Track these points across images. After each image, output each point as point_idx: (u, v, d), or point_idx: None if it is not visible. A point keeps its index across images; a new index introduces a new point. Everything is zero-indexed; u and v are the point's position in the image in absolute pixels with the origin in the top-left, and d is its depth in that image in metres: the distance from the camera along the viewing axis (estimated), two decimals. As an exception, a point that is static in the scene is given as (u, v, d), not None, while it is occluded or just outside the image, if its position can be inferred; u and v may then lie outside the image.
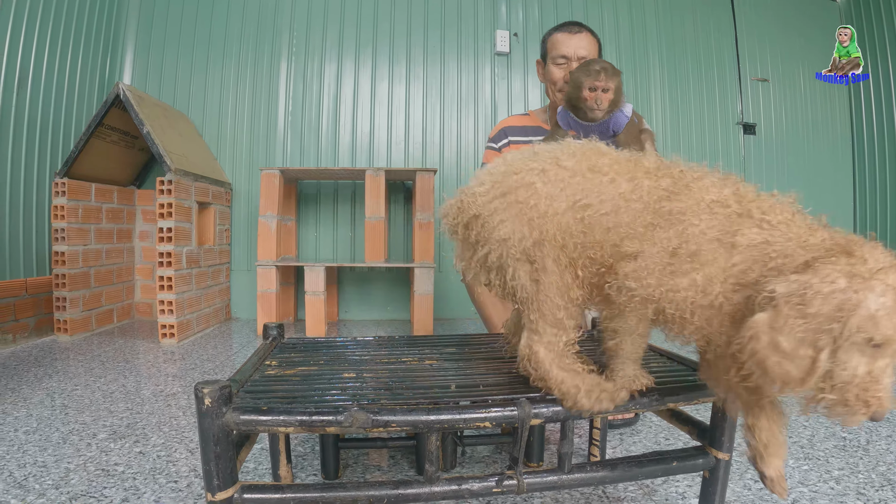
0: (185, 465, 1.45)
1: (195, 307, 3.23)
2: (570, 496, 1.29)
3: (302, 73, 3.99)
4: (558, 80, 2.04)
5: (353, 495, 0.85)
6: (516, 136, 2.16)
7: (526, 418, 0.87)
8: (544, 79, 2.13)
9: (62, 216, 2.98)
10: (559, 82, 2.04)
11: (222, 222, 3.70)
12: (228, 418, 0.81)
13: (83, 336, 3.09)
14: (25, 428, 1.69)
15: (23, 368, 2.38)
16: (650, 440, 1.68)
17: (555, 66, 2.05)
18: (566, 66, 2.01)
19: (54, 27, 3.10)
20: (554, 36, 2.06)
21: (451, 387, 1.02)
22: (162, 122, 3.19)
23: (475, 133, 4.10)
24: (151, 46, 3.86)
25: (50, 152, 3.11)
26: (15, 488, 1.29)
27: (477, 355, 1.29)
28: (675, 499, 1.27)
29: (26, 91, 2.92)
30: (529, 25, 4.19)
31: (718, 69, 4.50)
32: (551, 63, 2.05)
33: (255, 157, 3.94)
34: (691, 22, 4.45)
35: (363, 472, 1.43)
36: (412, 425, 0.85)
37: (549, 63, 2.07)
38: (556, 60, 2.03)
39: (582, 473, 0.95)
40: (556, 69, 2.04)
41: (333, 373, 1.12)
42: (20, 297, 2.85)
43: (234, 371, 1.12)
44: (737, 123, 4.52)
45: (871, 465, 1.47)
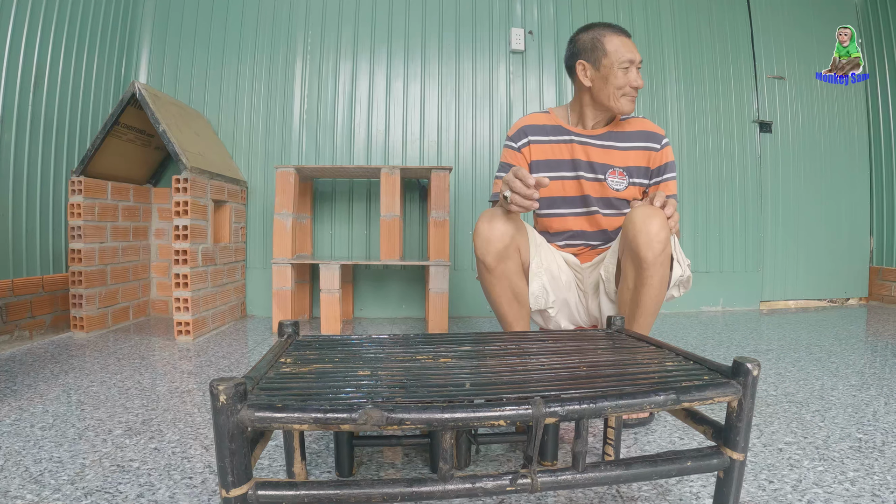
0: (200, 461, 1.46)
1: (211, 304, 3.26)
2: (584, 495, 1.29)
3: (317, 71, 4.00)
4: (623, 85, 1.99)
5: (368, 493, 0.86)
6: (536, 136, 2.14)
7: (540, 417, 0.87)
8: (592, 80, 2.05)
9: (79, 214, 3.01)
10: (625, 86, 1.99)
11: (238, 220, 3.72)
12: (243, 415, 0.81)
13: (99, 333, 3.11)
14: (41, 424, 1.71)
15: (39, 365, 2.40)
16: (664, 440, 1.67)
17: (621, 69, 2.00)
18: (629, 70, 1.99)
19: (70, 26, 3.13)
20: (612, 37, 2.01)
21: (465, 385, 1.02)
22: (178, 121, 3.21)
23: (490, 131, 4.09)
24: (167, 45, 3.89)
25: (66, 151, 3.14)
26: (31, 483, 1.31)
27: (492, 353, 1.29)
28: (689, 499, 1.27)
29: (43, 90, 2.94)
30: (544, 23, 4.17)
31: (734, 66, 4.47)
32: (617, 67, 1.98)
33: (270, 155, 3.96)
34: (706, 19, 4.43)
35: (377, 469, 1.43)
36: (427, 423, 0.85)
37: (608, 65, 2.00)
38: (623, 64, 1.99)
39: (596, 472, 0.95)
40: (623, 73, 1.99)
41: (348, 370, 1.12)
42: (37, 294, 2.88)
43: (249, 368, 1.13)
44: (753, 121, 4.49)
45: (886, 466, 1.46)
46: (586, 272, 2.11)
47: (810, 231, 4.60)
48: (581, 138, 2.11)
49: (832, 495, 1.29)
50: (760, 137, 4.49)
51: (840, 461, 1.50)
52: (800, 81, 4.61)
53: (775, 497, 1.28)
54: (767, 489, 1.32)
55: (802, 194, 4.56)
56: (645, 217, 1.70)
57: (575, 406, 0.89)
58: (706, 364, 1.13)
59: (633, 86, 1.99)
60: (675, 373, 1.09)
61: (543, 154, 2.13)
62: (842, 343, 3.07)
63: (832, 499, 1.27)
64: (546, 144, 2.14)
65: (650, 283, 1.74)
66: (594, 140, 2.10)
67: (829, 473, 1.42)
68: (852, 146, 4.72)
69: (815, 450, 1.58)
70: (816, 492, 1.31)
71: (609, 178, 2.07)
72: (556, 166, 2.11)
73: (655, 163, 2.09)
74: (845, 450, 1.58)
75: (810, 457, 1.53)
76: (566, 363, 1.19)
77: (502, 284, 1.85)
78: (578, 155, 2.10)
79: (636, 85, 2.00)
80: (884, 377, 2.36)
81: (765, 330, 3.55)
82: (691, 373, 1.09)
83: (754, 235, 4.48)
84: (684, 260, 1.86)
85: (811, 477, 1.39)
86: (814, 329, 3.53)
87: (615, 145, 2.09)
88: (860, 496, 1.28)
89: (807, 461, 1.50)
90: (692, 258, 4.29)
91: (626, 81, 1.99)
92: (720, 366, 1.08)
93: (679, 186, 4.20)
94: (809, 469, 1.44)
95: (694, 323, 3.82)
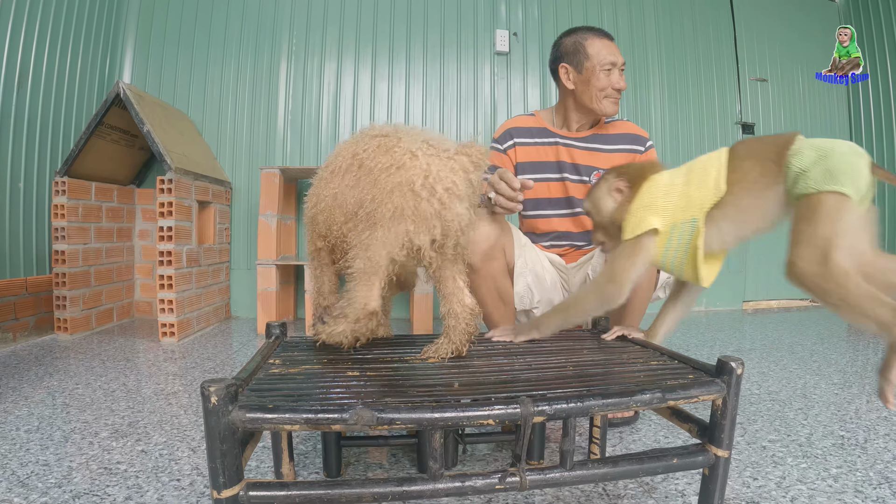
0: (188, 463, 1.46)
1: (195, 306, 3.24)
2: (571, 493, 1.30)
3: (302, 72, 4.00)
4: (605, 87, 2.01)
5: (358, 492, 0.86)
6: (522, 138, 2.16)
7: (529, 416, 0.88)
8: (575, 83, 2.08)
9: (62, 215, 2.98)
10: (606, 88, 2.02)
11: (222, 221, 3.71)
12: (235, 416, 0.82)
13: (83, 335, 3.09)
14: (27, 427, 1.69)
15: (23, 367, 2.38)
16: (650, 438, 1.69)
17: (604, 72, 2.02)
18: (611, 73, 2.00)
19: (54, 26, 3.10)
20: (593, 41, 2.03)
21: (454, 385, 1.03)
22: (162, 121, 3.19)
23: (475, 132, 4.10)
24: (151, 45, 3.87)
25: (50, 151, 3.12)
26: (18, 487, 1.30)
27: (479, 354, 1.29)
28: (674, 496, 1.28)
29: (26, 90, 2.92)
30: (529, 25, 4.19)
31: (717, 69, 4.52)
32: (599, 69, 2.01)
33: (255, 155, 3.95)
34: (690, 22, 4.47)
35: (365, 469, 1.44)
36: (416, 423, 0.85)
37: (590, 68, 2.03)
38: (605, 66, 2.01)
39: (584, 470, 0.96)
40: (605, 76, 2.01)
41: (337, 371, 1.12)
42: (20, 295, 2.85)
43: (236, 369, 1.13)
44: (735, 123, 4.54)
45: (868, 462, 1.48)
46: (571, 272, 2.12)
47: (792, 231, 4.63)
48: (566, 140, 2.12)
49: (815, 491, 1.31)
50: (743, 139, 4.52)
51: (823, 458, 1.52)
52: (782, 83, 4.67)
53: (760, 494, 1.30)
54: (752, 486, 1.34)
55: (784, 195, 4.60)
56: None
57: (562, 405, 0.90)
58: (691, 363, 1.14)
59: (615, 87, 2.02)
60: (660, 372, 1.10)
61: (528, 156, 2.14)
62: (824, 342, 3.10)
63: (816, 495, 1.29)
64: (531, 146, 2.15)
65: (637, 284, 1.76)
66: (579, 142, 2.12)
67: (813, 470, 1.44)
68: (833, 148, 4.77)
69: (798, 447, 1.60)
70: (800, 488, 1.33)
71: (593, 179, 2.09)
72: (541, 168, 2.13)
73: None
74: (828, 447, 1.60)
75: (794, 454, 1.55)
76: (553, 363, 1.20)
77: (487, 285, 1.86)
78: (563, 157, 2.11)
79: (618, 87, 2.02)
80: (865, 375, 2.39)
81: (748, 329, 3.59)
82: (676, 372, 1.10)
83: (737, 236, 4.52)
84: (670, 262, 1.88)
85: (795, 474, 1.41)
86: (796, 328, 3.57)
87: (600, 147, 2.11)
88: (843, 492, 1.30)
89: (790, 458, 1.52)
90: (676, 258, 4.31)
91: (609, 83, 2.02)
92: (704, 365, 1.09)
93: (663, 187, 4.22)
94: (793, 466, 1.46)
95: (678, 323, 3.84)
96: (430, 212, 1.10)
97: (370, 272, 1.14)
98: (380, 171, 1.13)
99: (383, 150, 1.16)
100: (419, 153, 1.13)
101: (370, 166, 1.15)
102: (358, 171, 1.18)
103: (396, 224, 1.11)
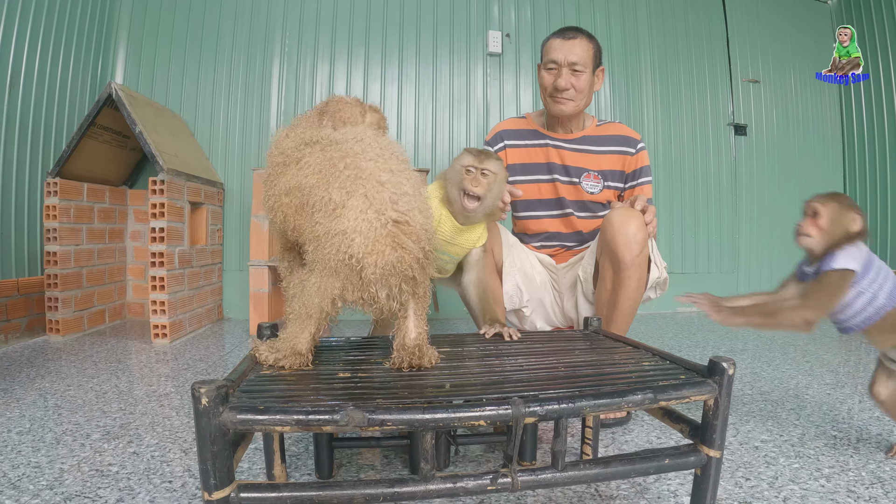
0: (180, 465, 1.45)
1: (187, 307, 3.23)
2: (564, 494, 1.30)
3: (294, 73, 3.99)
4: (548, 86, 2.05)
5: (350, 494, 0.86)
6: (513, 140, 2.17)
7: (520, 417, 0.88)
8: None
9: (54, 216, 2.97)
10: (549, 87, 2.05)
11: (214, 222, 3.70)
12: (225, 417, 0.81)
13: (75, 336, 3.08)
14: (18, 428, 1.68)
15: (15, 369, 2.37)
16: (642, 439, 1.69)
17: (545, 70, 2.06)
18: (556, 72, 2.02)
19: (46, 26, 3.08)
20: (549, 41, 2.07)
21: (445, 386, 1.02)
22: (154, 122, 3.18)
23: (467, 133, 4.11)
24: (144, 46, 3.85)
25: (42, 152, 3.10)
26: (9, 489, 1.29)
27: (470, 355, 1.29)
28: (667, 496, 1.29)
29: (18, 90, 2.90)
30: (522, 26, 4.20)
31: (710, 70, 4.53)
32: (542, 68, 2.07)
33: (247, 156, 3.93)
34: (683, 24, 4.48)
35: (357, 471, 1.43)
36: (408, 424, 0.85)
37: (540, 68, 2.09)
38: (547, 65, 2.04)
39: (576, 471, 0.96)
40: (547, 74, 2.05)
41: (328, 372, 1.12)
42: (11, 297, 2.84)
43: (228, 371, 1.12)
44: (728, 124, 4.55)
45: (861, 462, 1.49)
46: (562, 272, 2.13)
47: (784, 232, 4.65)
48: (556, 142, 2.13)
49: (808, 492, 1.31)
50: (735, 140, 4.55)
51: (815, 458, 1.52)
52: (774, 84, 4.69)
53: (752, 494, 1.30)
54: (744, 486, 1.34)
55: (776, 195, 4.63)
56: (623, 219, 1.72)
57: (554, 406, 0.90)
58: (682, 363, 1.15)
59: (556, 87, 2.02)
60: (652, 372, 1.11)
61: (519, 158, 2.15)
62: (816, 342, 3.12)
63: (808, 495, 1.29)
64: (522, 148, 2.16)
65: (628, 284, 1.76)
66: (569, 144, 2.13)
67: (805, 470, 1.44)
68: (826, 148, 4.80)
69: (790, 447, 1.60)
70: (792, 488, 1.33)
71: (584, 181, 2.10)
72: (532, 170, 2.14)
73: (631, 167, 2.12)
74: (820, 447, 1.61)
75: (786, 454, 1.55)
76: (544, 364, 1.21)
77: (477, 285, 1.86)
78: (553, 158, 2.12)
79: (557, 86, 2.02)
80: (857, 376, 2.40)
81: (740, 330, 3.59)
82: (668, 372, 1.10)
83: (729, 237, 4.54)
84: (661, 262, 1.89)
85: (787, 474, 1.42)
86: (788, 329, 3.57)
87: (590, 149, 2.12)
88: (835, 492, 1.31)
89: (783, 458, 1.52)
90: (668, 260, 4.30)
91: (549, 82, 2.04)
92: (696, 365, 1.09)
93: (654, 189, 4.24)
94: (785, 466, 1.47)
95: (670, 324, 3.86)
96: (370, 278, 1.07)
97: (303, 316, 1.14)
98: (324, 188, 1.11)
99: (327, 176, 1.13)
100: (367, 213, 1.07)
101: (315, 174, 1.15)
102: (299, 164, 1.20)
103: (329, 278, 1.09)
